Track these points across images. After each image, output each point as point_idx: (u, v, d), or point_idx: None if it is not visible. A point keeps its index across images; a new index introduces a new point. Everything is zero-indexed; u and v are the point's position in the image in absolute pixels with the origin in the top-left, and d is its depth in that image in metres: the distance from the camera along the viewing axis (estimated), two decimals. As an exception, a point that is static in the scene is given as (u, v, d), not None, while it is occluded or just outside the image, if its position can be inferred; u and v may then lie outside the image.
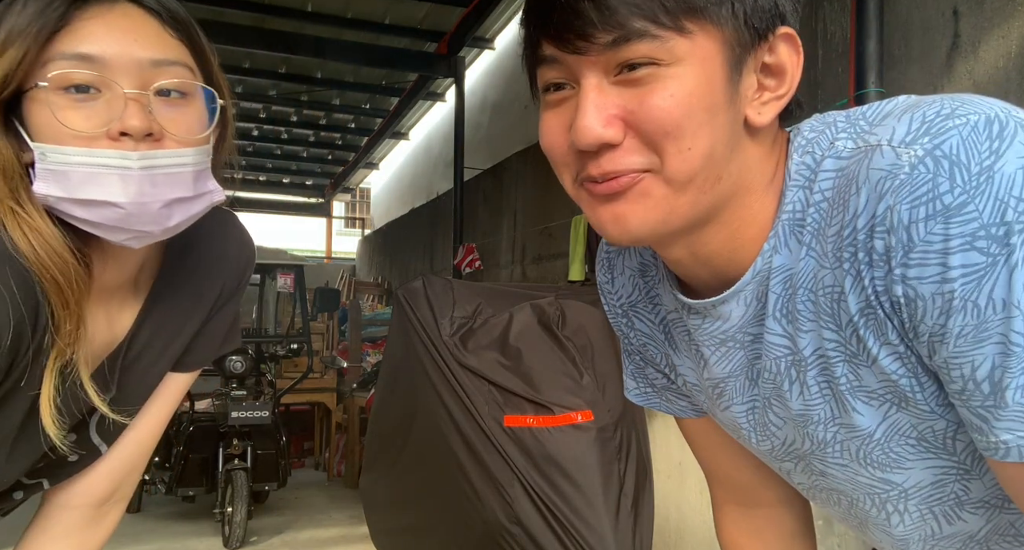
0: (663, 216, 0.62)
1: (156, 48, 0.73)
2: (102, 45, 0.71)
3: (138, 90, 0.71)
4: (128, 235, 0.75)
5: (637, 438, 2.86)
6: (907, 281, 0.55)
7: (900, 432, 0.65)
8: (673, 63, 0.58)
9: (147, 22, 0.74)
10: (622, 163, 0.61)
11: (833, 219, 0.61)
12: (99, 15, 0.72)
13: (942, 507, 0.69)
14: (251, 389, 4.82)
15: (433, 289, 3.05)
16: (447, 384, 2.79)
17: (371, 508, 3.62)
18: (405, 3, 5.64)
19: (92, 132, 0.70)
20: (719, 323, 0.71)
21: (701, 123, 0.59)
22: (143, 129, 0.71)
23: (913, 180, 0.54)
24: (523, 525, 2.53)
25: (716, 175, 0.62)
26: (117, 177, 0.70)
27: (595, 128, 0.59)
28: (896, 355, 0.60)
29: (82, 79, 0.70)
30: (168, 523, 4.90)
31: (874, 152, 0.57)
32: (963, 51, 2.24)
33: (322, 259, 12.79)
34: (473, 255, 5.82)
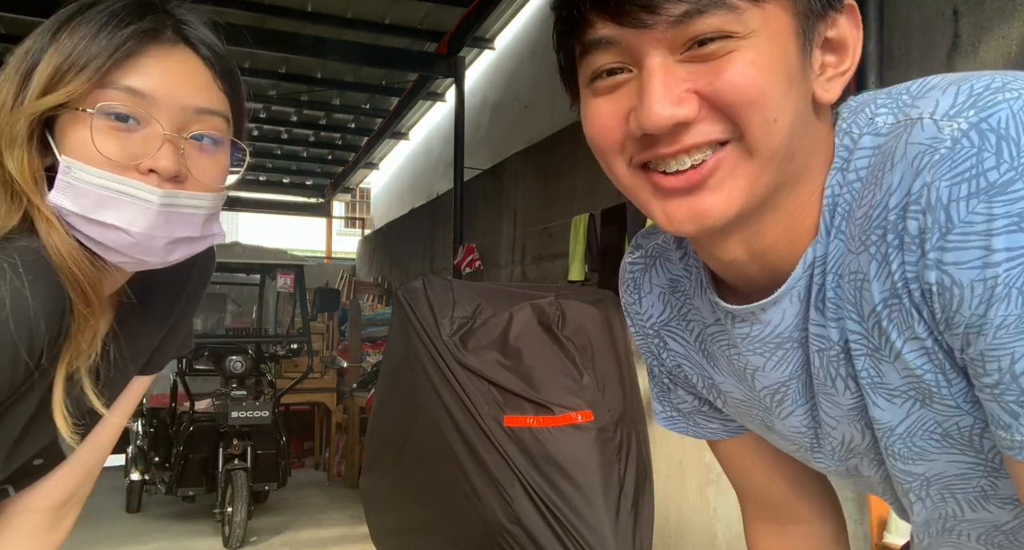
0: (746, 198, 0.58)
1: (202, 97, 0.77)
2: (154, 84, 0.74)
3: (176, 132, 0.75)
4: (126, 259, 0.77)
5: (637, 438, 2.86)
6: (943, 266, 0.50)
7: (924, 428, 0.61)
8: (748, 35, 0.54)
9: (200, 71, 0.78)
10: (700, 134, 0.56)
11: (864, 199, 0.57)
12: (159, 56, 0.75)
13: (966, 496, 0.66)
14: (251, 389, 4.82)
15: (433, 289, 3.05)
16: (447, 384, 2.79)
17: (371, 508, 3.62)
18: (405, 3, 5.64)
19: (124, 163, 0.73)
20: (770, 327, 0.66)
21: (784, 93, 0.55)
22: (172, 171, 0.74)
23: (955, 155, 0.49)
24: (523, 525, 2.53)
25: (790, 153, 0.58)
26: (135, 207, 0.73)
27: (667, 108, 0.55)
28: (923, 350, 0.56)
29: (126, 110, 0.73)
30: (168, 523, 4.90)
31: (914, 125, 0.53)
32: (963, 51, 2.24)
33: (322, 259, 12.79)
34: (473, 255, 5.82)
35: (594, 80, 0.60)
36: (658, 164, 0.59)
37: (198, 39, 0.79)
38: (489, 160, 6.17)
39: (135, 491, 4.99)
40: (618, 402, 2.88)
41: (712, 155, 0.57)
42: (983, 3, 2.19)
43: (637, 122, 0.57)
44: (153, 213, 0.74)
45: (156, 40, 0.75)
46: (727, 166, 0.57)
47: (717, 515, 3.24)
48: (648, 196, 0.61)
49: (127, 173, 0.73)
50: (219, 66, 0.80)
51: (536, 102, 5.59)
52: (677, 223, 0.59)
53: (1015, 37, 2.10)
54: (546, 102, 5.38)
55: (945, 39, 2.29)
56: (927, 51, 2.33)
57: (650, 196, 0.61)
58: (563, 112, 4.94)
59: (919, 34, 2.36)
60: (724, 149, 0.57)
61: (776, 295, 0.63)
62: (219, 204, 0.81)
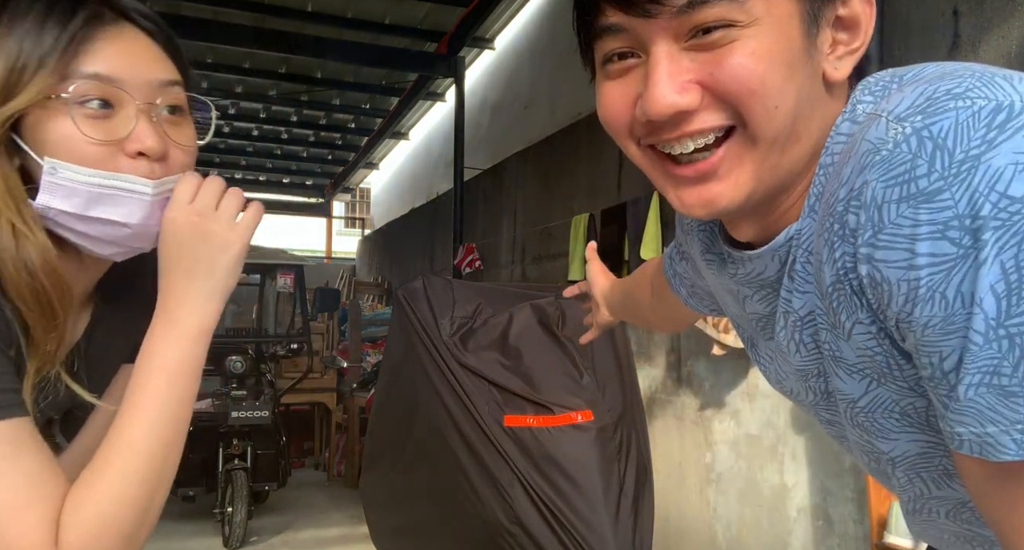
0: (753, 185, 0.61)
1: (161, 69, 0.79)
2: (115, 66, 0.75)
3: (148, 103, 0.76)
4: (120, 250, 0.79)
5: (637, 438, 2.86)
6: (873, 262, 0.53)
7: (883, 406, 0.64)
8: (750, 23, 0.56)
9: (149, 46, 0.79)
10: (702, 122, 0.59)
11: (831, 184, 0.59)
12: (111, 39, 0.76)
13: (930, 474, 0.68)
14: (251, 389, 4.82)
15: (433, 289, 3.05)
16: (447, 384, 2.79)
17: (371, 508, 3.62)
18: (405, 3, 5.64)
19: (111, 141, 0.74)
20: (755, 272, 0.71)
21: (785, 79, 0.57)
22: (160, 149, 0.76)
23: (893, 158, 0.52)
24: (523, 525, 2.53)
25: (797, 135, 0.60)
26: (132, 201, 0.75)
27: (669, 97, 0.58)
28: (869, 334, 0.59)
29: (100, 93, 0.74)
30: (168, 523, 4.90)
31: (874, 122, 0.55)
32: (963, 51, 2.24)
33: (322, 259, 12.79)
34: (473, 255, 5.82)
35: (606, 63, 0.63)
36: (663, 146, 0.62)
37: (136, 13, 0.79)
38: (489, 160, 6.17)
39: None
40: (618, 402, 2.88)
41: (715, 141, 0.60)
42: (983, 3, 2.19)
43: (642, 108, 0.60)
44: (149, 204, 0.76)
45: (102, 22, 0.76)
46: (733, 155, 0.60)
47: (717, 515, 3.24)
48: (663, 180, 0.65)
49: (117, 161, 0.74)
50: (160, 35, 0.81)
51: (536, 102, 5.59)
52: (689, 208, 0.63)
53: (1015, 37, 2.10)
54: (546, 102, 5.37)
55: (945, 39, 2.29)
56: (927, 51, 2.33)
57: (664, 181, 0.65)
58: (563, 112, 4.94)
59: (919, 34, 2.36)
60: (729, 140, 0.60)
61: (758, 252, 0.68)
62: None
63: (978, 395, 0.50)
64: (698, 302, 1.00)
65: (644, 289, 1.19)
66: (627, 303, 1.28)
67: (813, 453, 2.77)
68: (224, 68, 6.88)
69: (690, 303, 1.03)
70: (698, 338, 3.28)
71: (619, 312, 1.33)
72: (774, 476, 2.93)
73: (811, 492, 2.77)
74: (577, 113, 4.61)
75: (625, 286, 1.27)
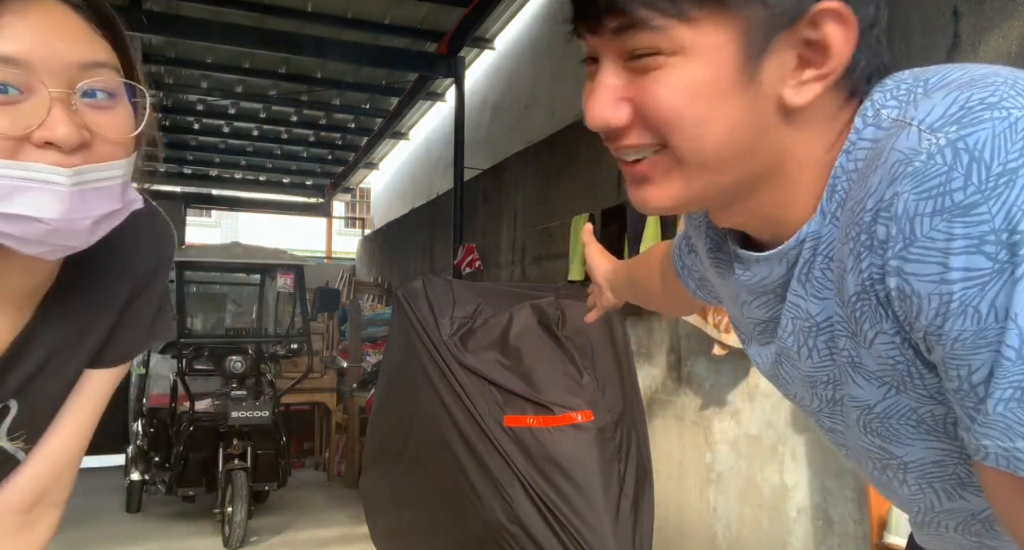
0: (682, 195, 0.63)
1: (82, 49, 0.68)
2: (25, 46, 0.65)
3: (64, 90, 0.67)
4: (47, 248, 0.70)
5: (637, 438, 2.86)
6: (903, 274, 0.52)
7: (900, 412, 0.64)
8: (676, 52, 0.58)
9: (72, 19, 0.68)
10: (630, 141, 0.62)
11: (855, 192, 0.58)
12: (19, 11, 0.65)
13: (943, 484, 0.68)
14: (251, 389, 4.82)
15: (433, 289, 3.05)
16: (447, 384, 2.79)
17: (371, 508, 3.62)
18: (405, 3, 5.64)
19: (15, 135, 0.64)
20: (757, 278, 0.71)
21: (705, 113, 0.58)
22: (73, 140, 0.66)
23: (927, 170, 0.50)
24: (523, 525, 2.53)
25: (740, 154, 0.61)
26: (46, 193, 0.65)
27: (601, 112, 0.61)
28: (892, 344, 0.58)
29: (6, 78, 0.64)
30: (168, 523, 4.90)
31: (903, 130, 0.54)
32: (963, 51, 2.24)
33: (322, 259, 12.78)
34: (473, 255, 5.82)
35: (585, 61, 0.66)
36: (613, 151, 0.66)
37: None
38: (489, 160, 6.17)
39: (135, 491, 4.99)
40: (618, 402, 2.88)
41: (648, 156, 0.63)
42: (983, 3, 2.19)
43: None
44: (67, 195, 0.66)
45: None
46: (661, 170, 0.62)
47: (717, 515, 3.24)
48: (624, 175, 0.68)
49: (25, 152, 0.65)
50: (91, 11, 0.70)
51: (536, 102, 5.59)
52: (634, 204, 0.67)
53: (1015, 37, 2.10)
54: (546, 102, 5.37)
55: (945, 39, 2.29)
56: (927, 51, 2.33)
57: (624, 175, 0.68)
58: (563, 112, 4.94)
59: (919, 34, 2.36)
60: (658, 154, 0.62)
61: (767, 254, 0.68)
62: (131, 168, 0.73)
63: (1008, 410, 0.50)
64: (707, 294, 1.01)
65: (651, 275, 1.19)
66: (632, 287, 1.28)
67: (813, 453, 2.77)
68: (224, 68, 6.88)
69: (699, 294, 1.03)
70: (698, 338, 3.28)
71: (624, 295, 1.33)
72: (774, 476, 2.93)
73: (811, 492, 2.77)
74: (577, 113, 4.60)
75: (630, 270, 1.28)
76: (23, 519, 0.92)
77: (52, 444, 0.91)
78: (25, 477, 0.90)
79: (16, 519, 0.92)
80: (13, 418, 0.84)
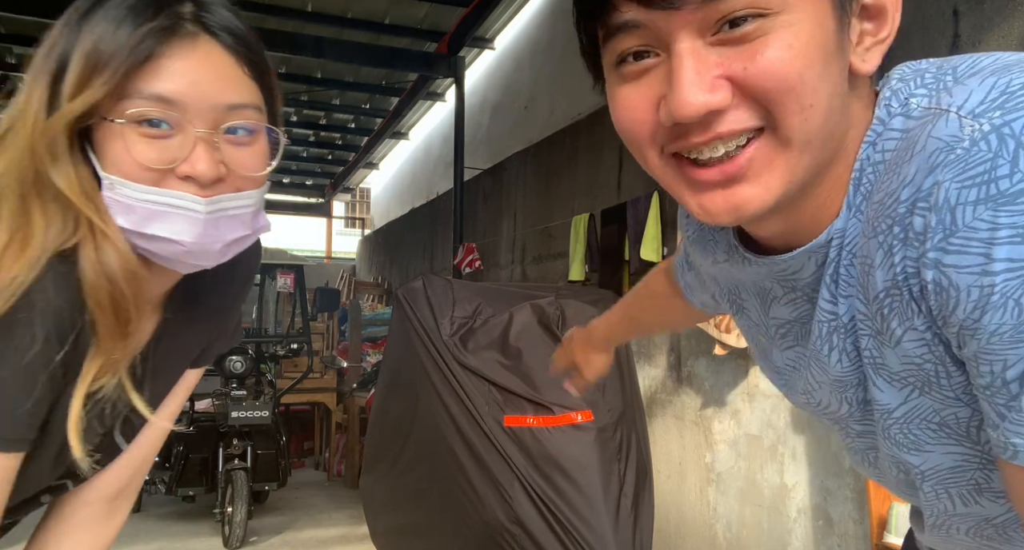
0: (785, 187, 0.56)
1: (232, 92, 0.74)
2: (181, 87, 0.71)
3: (208, 130, 0.73)
4: (180, 265, 0.78)
5: (637, 438, 2.86)
6: (942, 267, 0.49)
7: (921, 416, 0.61)
8: (782, 11, 0.52)
9: (227, 63, 0.74)
10: (733, 122, 0.54)
11: (883, 184, 0.55)
12: (182, 55, 0.72)
13: (959, 490, 0.66)
14: (251, 389, 4.82)
15: (433, 289, 3.05)
16: (447, 384, 2.79)
17: (371, 508, 3.62)
18: (405, 3, 5.64)
19: (162, 167, 0.71)
20: (791, 270, 0.66)
21: (820, 75, 0.53)
22: (210, 176, 0.72)
23: (970, 157, 0.48)
24: (523, 525, 2.53)
25: (828, 134, 0.56)
26: (184, 218, 0.73)
27: (700, 96, 0.53)
28: (922, 341, 0.55)
29: (160, 115, 0.71)
30: (168, 523, 4.90)
31: (940, 118, 0.51)
32: (963, 51, 2.23)
33: (322, 259, 12.78)
34: (473, 255, 5.82)
35: (620, 64, 0.57)
36: (690, 152, 0.57)
37: (220, 27, 0.74)
38: (489, 160, 6.17)
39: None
40: (618, 402, 2.88)
41: (747, 143, 0.55)
42: (983, 3, 2.19)
43: (667, 111, 0.54)
44: (201, 222, 0.73)
45: (176, 35, 0.72)
46: (763, 156, 0.55)
47: (717, 515, 3.24)
48: (682, 188, 0.59)
49: (166, 181, 0.72)
50: (245, 53, 0.76)
51: (536, 102, 5.59)
52: (714, 215, 0.58)
53: (1015, 37, 2.10)
54: (546, 102, 5.37)
55: (945, 39, 2.29)
56: (927, 51, 2.33)
57: (684, 188, 0.59)
58: (563, 112, 4.94)
59: (919, 34, 2.36)
60: (758, 139, 0.55)
61: (794, 254, 0.63)
62: (262, 198, 0.81)
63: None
64: (715, 307, 0.99)
65: (652, 305, 1.17)
66: (633, 326, 1.26)
67: (813, 453, 2.77)
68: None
69: (707, 309, 1.03)
70: (698, 338, 3.28)
71: (625, 339, 1.32)
72: (774, 476, 2.93)
73: (811, 492, 2.77)
74: (577, 113, 4.60)
75: (626, 312, 1.24)
76: (109, 507, 0.99)
77: (144, 437, 0.97)
78: (118, 467, 0.96)
79: (104, 507, 0.98)
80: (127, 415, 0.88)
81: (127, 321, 0.74)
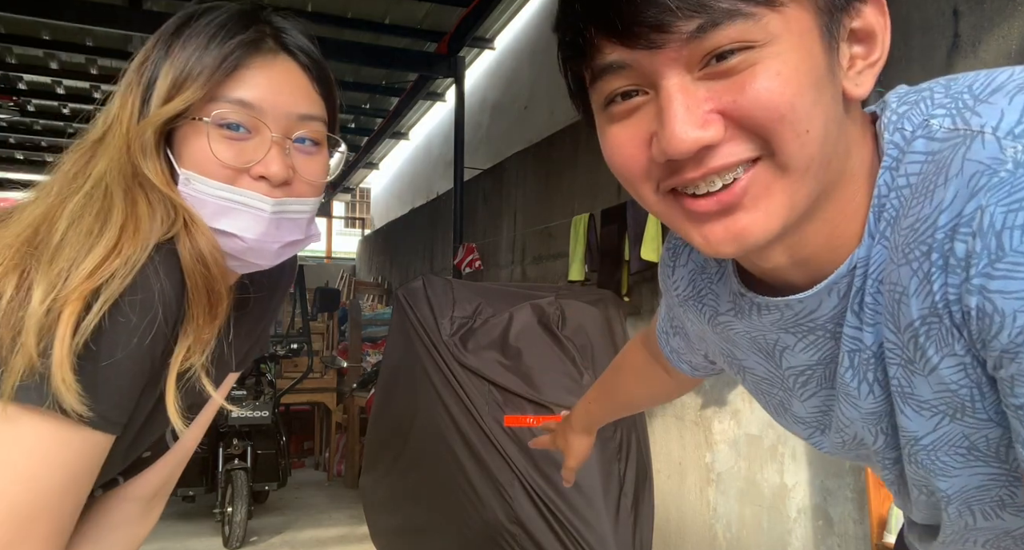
0: (786, 214, 0.55)
1: (304, 104, 0.82)
2: (261, 95, 0.79)
3: (282, 136, 0.80)
4: (239, 263, 0.83)
5: (637, 438, 2.86)
6: (986, 293, 0.48)
7: (950, 442, 0.60)
8: (769, 42, 0.51)
9: (300, 79, 0.83)
10: (728, 156, 0.54)
11: (911, 209, 0.53)
12: (263, 67, 0.80)
13: (982, 506, 0.65)
14: (251, 389, 4.82)
15: (433, 289, 3.05)
16: (447, 384, 2.79)
17: (371, 508, 3.62)
18: (405, 3, 5.64)
19: (238, 166, 0.78)
20: (806, 312, 0.64)
21: (814, 101, 0.52)
22: (282, 176, 0.79)
23: (1016, 180, 0.47)
24: (523, 525, 2.53)
25: (826, 160, 0.55)
26: (250, 215, 0.79)
27: (691, 132, 0.52)
28: (960, 366, 0.54)
29: (238, 119, 0.78)
30: (168, 523, 4.89)
31: (974, 139, 0.50)
32: (963, 51, 2.24)
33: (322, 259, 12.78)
34: (473, 255, 5.82)
35: (609, 105, 0.57)
36: (687, 187, 0.56)
37: (296, 47, 0.84)
38: (489, 160, 6.17)
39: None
40: (618, 402, 2.88)
41: (743, 173, 0.55)
42: (983, 3, 2.19)
43: (659, 148, 0.54)
44: (266, 221, 0.79)
45: (259, 51, 0.80)
46: (761, 184, 0.54)
47: (717, 515, 3.24)
48: (682, 221, 0.58)
49: (240, 180, 0.79)
50: (316, 72, 0.85)
51: (536, 102, 5.59)
52: (716, 245, 0.57)
53: (1015, 37, 2.10)
54: (546, 102, 5.37)
55: (945, 39, 2.29)
56: (927, 51, 2.33)
57: (684, 221, 0.58)
58: (563, 112, 4.93)
59: (919, 34, 2.36)
60: (755, 166, 0.54)
61: (815, 290, 0.62)
62: (318, 205, 0.87)
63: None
64: (708, 367, 0.97)
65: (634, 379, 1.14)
66: (613, 406, 1.23)
67: (813, 453, 2.77)
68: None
69: (697, 374, 1.00)
70: (698, 338, 3.28)
71: (606, 419, 1.28)
72: (774, 476, 2.93)
73: (811, 492, 2.77)
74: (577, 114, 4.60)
75: (604, 393, 1.22)
76: (145, 507, 1.01)
77: (186, 436, 1.00)
78: (161, 465, 0.99)
79: (140, 506, 1.00)
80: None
81: (219, 302, 0.79)
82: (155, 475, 1.00)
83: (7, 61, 6.67)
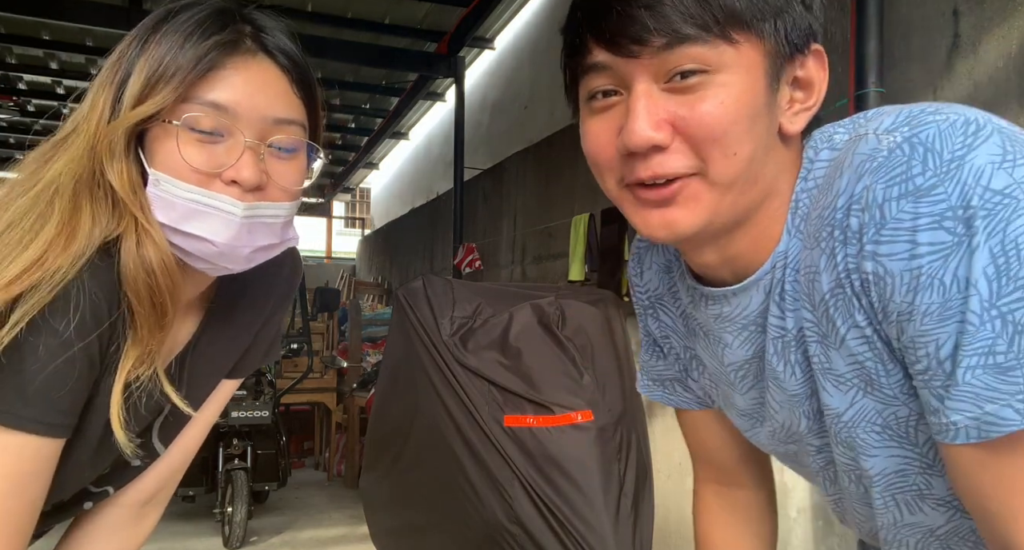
0: (709, 217, 0.66)
1: (280, 107, 0.80)
2: (236, 97, 0.77)
3: (256, 140, 0.78)
4: (209, 266, 0.81)
5: (637, 438, 2.86)
6: (877, 257, 0.58)
7: (866, 419, 0.68)
8: (721, 70, 0.62)
9: (279, 81, 0.81)
10: (670, 166, 0.64)
11: (818, 202, 0.65)
12: (239, 68, 0.78)
13: (904, 496, 0.72)
14: (251, 389, 4.81)
15: (433, 289, 3.05)
16: (447, 384, 2.79)
17: (371, 508, 3.62)
18: (405, 3, 5.64)
19: (209, 171, 0.76)
20: (739, 309, 0.74)
21: (745, 129, 0.63)
22: (254, 182, 0.77)
23: (890, 162, 0.58)
24: (523, 525, 2.53)
25: (754, 178, 0.66)
26: (221, 219, 0.77)
27: (646, 130, 0.63)
28: (863, 338, 0.63)
29: (211, 124, 0.76)
30: (168, 523, 4.89)
31: (861, 139, 0.62)
32: (963, 51, 2.24)
33: (322, 259, 12.79)
34: (473, 255, 5.82)
35: (591, 99, 0.68)
36: (639, 183, 0.67)
37: (276, 48, 0.81)
38: (489, 160, 6.17)
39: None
40: (618, 402, 2.88)
41: (680, 180, 0.65)
42: (983, 3, 2.19)
43: (621, 140, 0.65)
44: (236, 224, 0.77)
45: (236, 51, 0.78)
46: (691, 191, 0.65)
47: (717, 515, 3.24)
48: (632, 207, 0.69)
49: (211, 183, 0.76)
50: (296, 74, 0.82)
51: (536, 102, 5.59)
52: (652, 229, 0.68)
53: (1015, 37, 2.10)
54: (546, 102, 5.37)
55: (945, 39, 2.29)
56: (927, 51, 2.33)
57: (632, 206, 0.69)
58: (563, 112, 4.93)
59: (919, 34, 2.36)
60: (692, 178, 0.65)
61: (744, 284, 0.72)
62: (295, 210, 0.85)
63: (975, 377, 0.55)
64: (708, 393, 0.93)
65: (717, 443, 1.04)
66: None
67: (813, 453, 2.77)
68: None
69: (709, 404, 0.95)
70: (698, 338, 3.28)
71: None
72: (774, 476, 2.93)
73: (811, 492, 2.77)
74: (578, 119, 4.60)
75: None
76: (137, 512, 1.00)
77: (180, 444, 0.99)
78: (154, 472, 0.98)
79: (131, 512, 1.00)
80: (164, 418, 0.92)
81: (164, 313, 0.78)
82: (149, 481, 0.99)
83: (7, 61, 6.67)
